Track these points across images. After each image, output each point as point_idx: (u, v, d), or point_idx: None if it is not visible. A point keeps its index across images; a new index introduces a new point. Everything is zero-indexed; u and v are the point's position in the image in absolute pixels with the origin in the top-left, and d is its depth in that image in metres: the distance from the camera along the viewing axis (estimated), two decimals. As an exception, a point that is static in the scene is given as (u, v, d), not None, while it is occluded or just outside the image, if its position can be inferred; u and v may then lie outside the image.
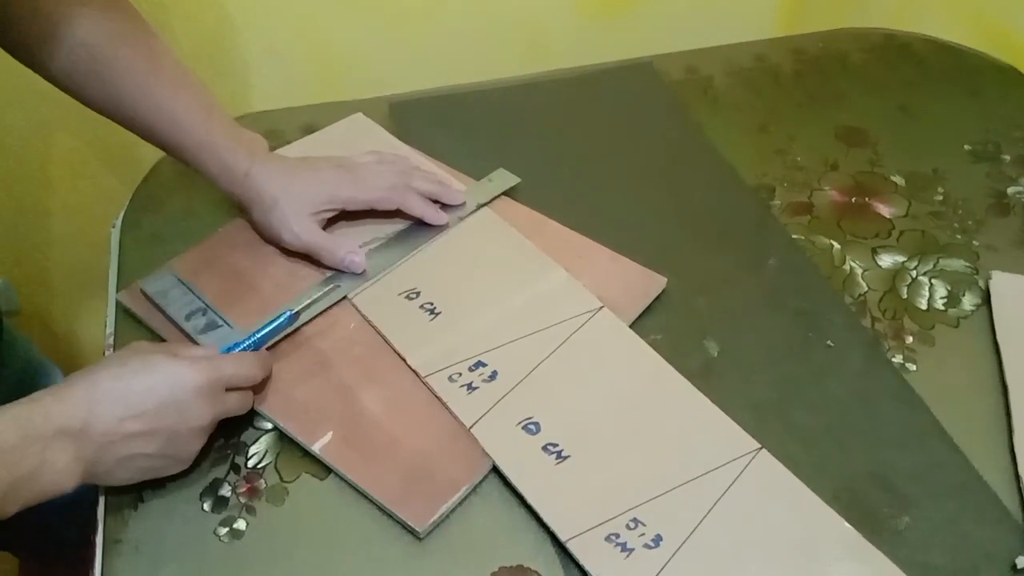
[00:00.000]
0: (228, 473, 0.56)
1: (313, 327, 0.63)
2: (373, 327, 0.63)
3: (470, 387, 0.59)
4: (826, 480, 0.55)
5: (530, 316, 0.64)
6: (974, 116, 0.86)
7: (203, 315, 0.62)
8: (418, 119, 0.85)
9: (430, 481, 0.54)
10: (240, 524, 0.53)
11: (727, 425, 0.57)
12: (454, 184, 0.74)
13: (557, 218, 0.73)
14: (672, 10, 1.09)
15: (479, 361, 0.61)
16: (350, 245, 0.67)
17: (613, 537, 0.51)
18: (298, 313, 0.61)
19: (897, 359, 0.63)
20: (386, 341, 0.62)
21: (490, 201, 0.74)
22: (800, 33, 0.99)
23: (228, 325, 0.61)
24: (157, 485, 0.55)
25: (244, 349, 0.58)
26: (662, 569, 0.50)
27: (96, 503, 0.55)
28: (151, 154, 0.80)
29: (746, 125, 0.85)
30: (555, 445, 0.56)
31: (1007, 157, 0.81)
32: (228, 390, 0.54)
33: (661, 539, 0.51)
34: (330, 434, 0.57)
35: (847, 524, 0.52)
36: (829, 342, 0.64)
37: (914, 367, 0.63)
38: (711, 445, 0.56)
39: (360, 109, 0.85)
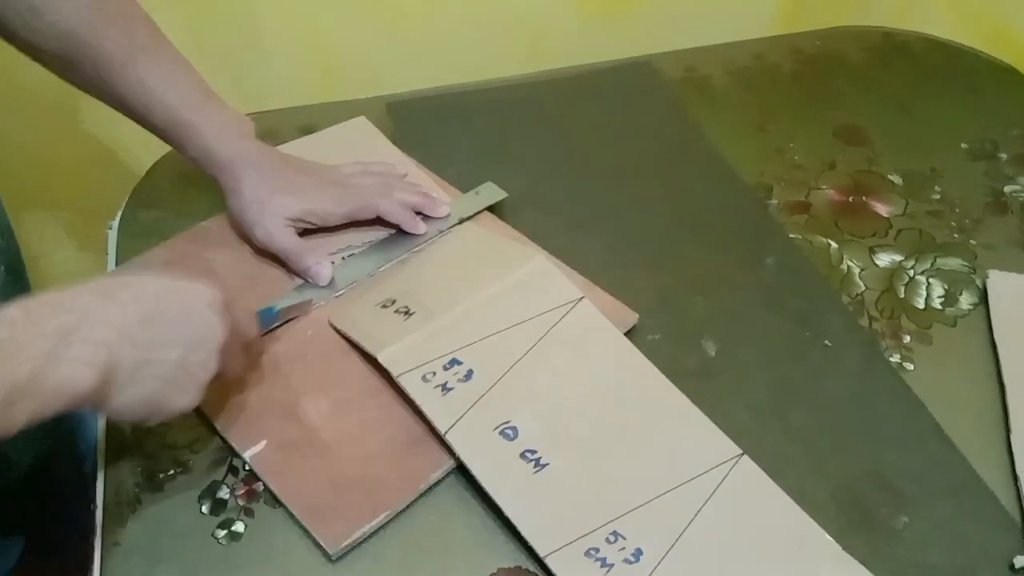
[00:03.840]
0: (226, 476, 0.56)
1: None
2: (341, 334, 0.62)
3: (445, 387, 0.57)
4: (824, 480, 0.55)
5: (507, 308, 0.61)
6: (972, 115, 0.86)
7: None
8: (416, 119, 0.85)
9: (353, 503, 0.53)
10: (238, 526, 0.53)
11: (709, 429, 0.56)
12: (440, 196, 0.73)
13: (557, 216, 0.73)
14: (671, 10, 1.09)
15: (454, 359, 0.58)
16: (319, 254, 0.66)
17: (592, 552, 0.50)
18: (276, 312, 0.61)
19: (895, 358, 0.63)
20: (358, 344, 0.61)
21: (473, 215, 0.72)
22: (798, 32, 0.99)
23: None
24: (155, 488, 0.55)
25: None
26: None
27: (94, 503, 0.55)
28: (148, 156, 0.80)
29: (744, 124, 0.85)
30: (533, 452, 0.54)
31: (1004, 156, 0.81)
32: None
33: (641, 553, 0.50)
34: (264, 442, 0.56)
35: (827, 536, 0.51)
36: (827, 341, 0.64)
37: (911, 366, 0.63)
38: (692, 451, 0.55)
39: (358, 109, 0.85)
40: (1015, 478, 0.56)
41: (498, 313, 0.61)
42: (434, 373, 0.58)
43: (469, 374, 0.58)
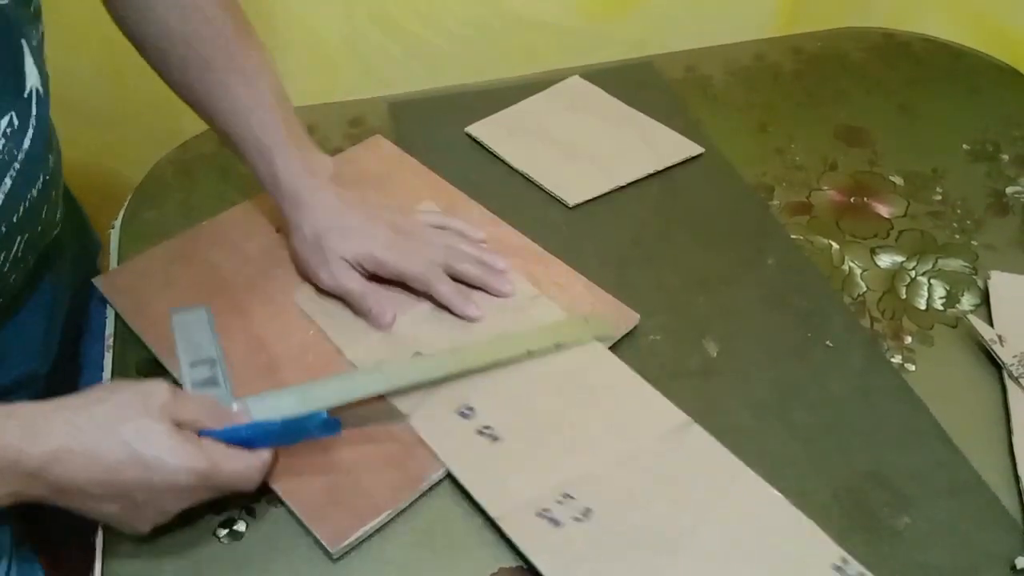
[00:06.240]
0: (228, 474, 0.56)
1: (269, 329, 0.63)
2: (315, 323, 0.63)
3: None
4: (826, 480, 0.55)
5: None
6: (973, 116, 0.86)
7: (209, 368, 0.56)
8: (418, 119, 0.85)
9: (353, 502, 0.53)
10: (240, 526, 0.53)
11: (659, 401, 0.58)
12: (505, 268, 0.67)
13: (558, 216, 0.73)
14: (672, 10, 1.09)
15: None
16: (383, 299, 0.63)
17: (544, 513, 0.52)
18: (338, 421, 0.52)
19: (896, 359, 0.63)
20: (325, 336, 0.62)
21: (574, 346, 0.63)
22: (799, 32, 0.99)
23: (225, 388, 0.55)
24: (157, 486, 0.55)
25: (256, 436, 0.51)
26: (591, 539, 0.51)
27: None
28: (152, 154, 0.80)
29: (745, 124, 0.85)
30: (489, 428, 0.57)
31: (1006, 157, 0.81)
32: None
33: (591, 511, 0.52)
34: None
35: (774, 490, 0.53)
36: (828, 342, 0.64)
37: (913, 367, 0.63)
38: (642, 420, 0.57)
39: (360, 109, 0.86)
40: (1016, 479, 0.56)
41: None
42: None
43: None
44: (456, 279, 0.65)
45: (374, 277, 0.64)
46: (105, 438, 0.46)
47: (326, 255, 0.63)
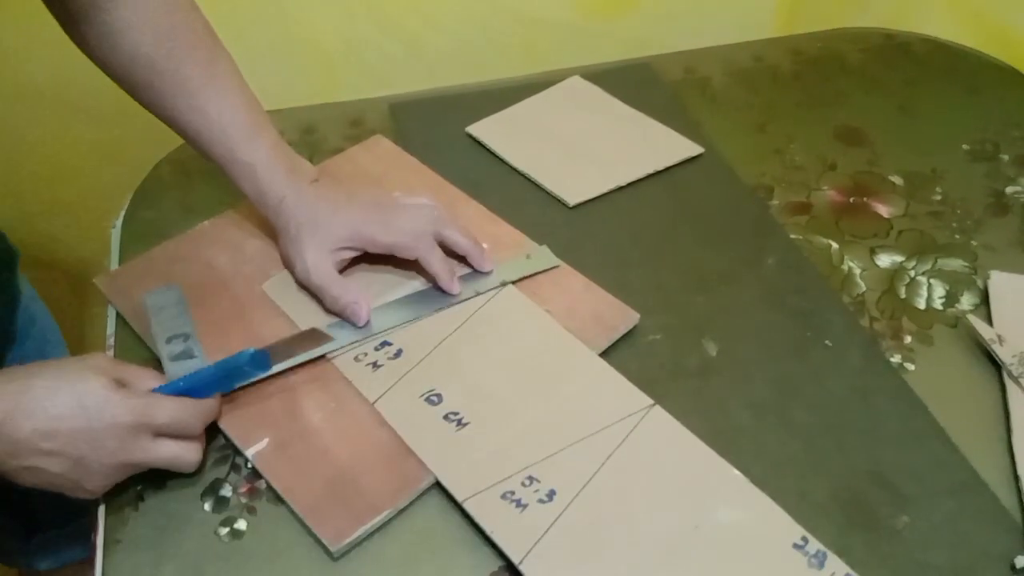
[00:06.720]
0: (229, 473, 0.56)
1: (269, 329, 0.63)
2: (283, 313, 0.64)
3: (375, 365, 0.60)
4: (825, 479, 0.55)
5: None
6: (973, 116, 0.86)
7: (183, 341, 0.59)
8: (418, 119, 0.85)
9: (353, 501, 0.53)
10: (241, 524, 0.53)
11: (622, 384, 0.59)
12: (486, 252, 0.67)
13: (558, 216, 0.73)
14: (671, 10, 1.09)
15: (384, 341, 0.62)
16: (357, 294, 0.62)
17: (508, 495, 0.53)
18: (267, 353, 0.55)
19: (895, 359, 0.63)
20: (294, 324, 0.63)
21: (519, 280, 0.67)
22: (798, 33, 0.99)
23: (201, 361, 0.58)
24: (158, 485, 0.55)
25: (194, 386, 0.54)
26: (555, 521, 0.51)
27: (96, 500, 0.55)
28: (152, 154, 0.80)
29: (744, 125, 0.85)
30: (456, 414, 0.57)
31: (1005, 157, 0.81)
32: (164, 436, 0.52)
33: (555, 493, 0.53)
34: (266, 440, 0.56)
35: (736, 471, 0.54)
36: (827, 342, 0.64)
37: (912, 367, 0.63)
38: (606, 403, 0.58)
39: (360, 109, 0.86)
40: (1016, 478, 0.56)
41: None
42: (365, 353, 0.61)
43: (398, 353, 0.61)
44: (443, 248, 0.65)
45: (363, 258, 0.65)
46: (50, 392, 0.49)
47: (303, 247, 0.63)
